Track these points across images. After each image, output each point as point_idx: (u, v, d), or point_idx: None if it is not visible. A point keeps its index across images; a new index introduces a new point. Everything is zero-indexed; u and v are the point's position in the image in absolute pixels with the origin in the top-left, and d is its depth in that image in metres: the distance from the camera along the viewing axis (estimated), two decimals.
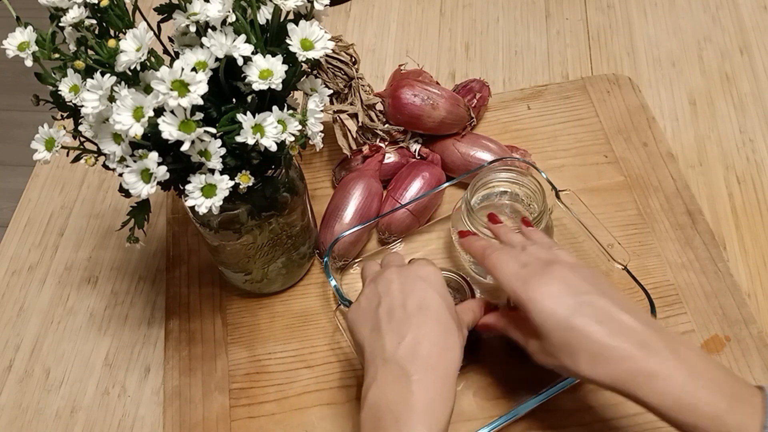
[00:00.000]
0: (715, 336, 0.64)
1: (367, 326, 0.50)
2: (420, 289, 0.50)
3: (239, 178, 0.51)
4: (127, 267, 0.76)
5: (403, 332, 0.48)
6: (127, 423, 0.65)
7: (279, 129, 0.49)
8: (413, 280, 0.51)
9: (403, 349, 0.47)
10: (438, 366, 0.46)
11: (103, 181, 0.83)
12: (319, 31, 0.50)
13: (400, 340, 0.47)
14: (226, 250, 0.64)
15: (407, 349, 0.47)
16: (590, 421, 0.60)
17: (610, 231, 0.65)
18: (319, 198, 0.77)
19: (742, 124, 0.80)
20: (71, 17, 0.48)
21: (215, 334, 0.68)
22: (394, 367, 0.46)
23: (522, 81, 0.87)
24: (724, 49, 0.87)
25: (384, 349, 0.47)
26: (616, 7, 0.94)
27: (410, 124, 0.74)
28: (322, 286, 0.71)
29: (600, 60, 0.88)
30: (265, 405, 0.63)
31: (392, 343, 0.47)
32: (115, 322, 0.71)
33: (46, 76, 0.50)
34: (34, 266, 0.76)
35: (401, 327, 0.48)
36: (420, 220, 0.72)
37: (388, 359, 0.47)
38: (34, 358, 0.69)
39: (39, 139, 0.51)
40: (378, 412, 0.45)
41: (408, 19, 0.97)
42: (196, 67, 0.47)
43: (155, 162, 0.47)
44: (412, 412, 0.44)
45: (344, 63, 0.72)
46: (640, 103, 0.81)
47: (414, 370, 0.46)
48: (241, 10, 0.49)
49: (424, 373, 0.46)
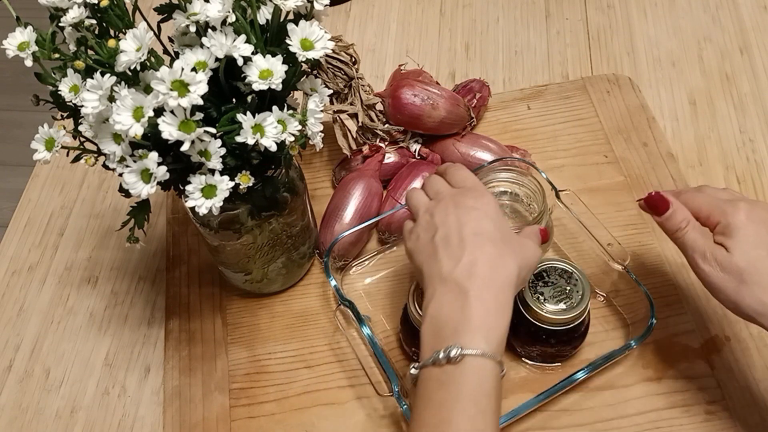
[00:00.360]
0: (715, 336, 0.64)
1: (425, 253, 0.52)
2: (474, 217, 0.52)
3: (239, 178, 0.51)
4: (127, 267, 0.76)
5: (459, 256, 0.50)
6: (127, 423, 0.65)
7: (279, 129, 0.49)
8: (468, 210, 0.53)
9: (459, 269, 0.49)
10: (494, 282, 0.49)
11: (103, 181, 0.83)
12: (319, 31, 0.50)
13: (457, 263, 0.49)
14: (226, 250, 0.64)
15: (464, 268, 0.49)
16: (590, 421, 0.60)
17: (610, 231, 0.65)
18: (319, 198, 0.77)
19: (742, 124, 0.80)
20: (71, 17, 0.48)
21: (215, 334, 0.68)
22: (452, 284, 0.49)
23: (522, 81, 0.87)
24: (724, 49, 0.87)
25: (441, 271, 0.50)
26: (616, 7, 0.94)
27: (410, 124, 0.74)
28: (322, 286, 0.71)
29: (600, 60, 0.88)
30: (265, 405, 0.63)
31: (449, 265, 0.50)
32: (115, 322, 0.71)
33: (46, 76, 0.50)
34: (34, 266, 0.76)
35: (457, 251, 0.50)
36: None
37: (446, 278, 0.49)
38: (34, 358, 0.69)
39: (39, 139, 0.51)
40: (438, 324, 0.48)
41: (408, 19, 0.97)
42: (196, 67, 0.47)
43: (155, 162, 0.47)
44: (469, 324, 0.47)
45: (344, 63, 0.72)
46: (640, 103, 0.81)
47: (471, 286, 0.48)
48: (241, 10, 0.49)
49: (480, 289, 0.48)
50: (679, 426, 0.59)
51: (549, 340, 0.59)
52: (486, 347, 0.46)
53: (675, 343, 0.63)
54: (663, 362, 0.62)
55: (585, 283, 0.59)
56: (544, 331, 0.58)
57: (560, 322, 0.58)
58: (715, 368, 0.62)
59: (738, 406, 0.59)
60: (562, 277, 0.60)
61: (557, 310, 0.58)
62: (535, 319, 0.58)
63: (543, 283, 0.60)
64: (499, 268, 0.49)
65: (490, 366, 0.46)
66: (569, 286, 0.59)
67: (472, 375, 0.45)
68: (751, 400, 0.60)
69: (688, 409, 0.60)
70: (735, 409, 0.59)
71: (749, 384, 0.61)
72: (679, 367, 0.62)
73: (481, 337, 0.46)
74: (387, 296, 0.69)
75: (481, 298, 0.48)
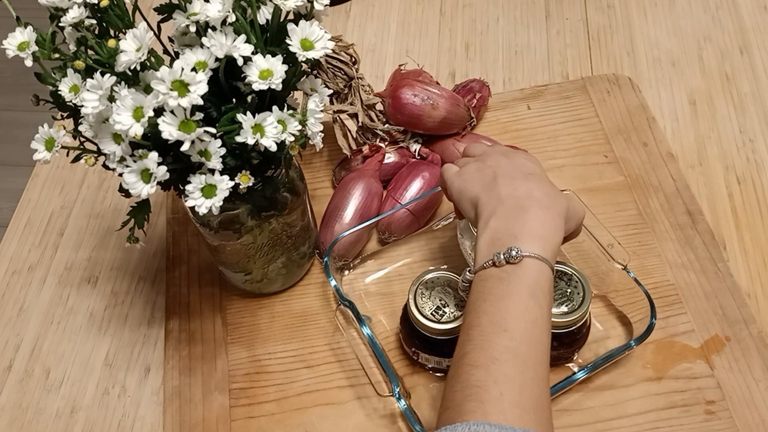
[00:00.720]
0: (715, 336, 0.64)
1: (481, 183, 0.55)
2: (526, 164, 0.56)
3: (239, 178, 0.51)
4: (127, 267, 0.76)
5: (518, 184, 0.53)
6: (127, 423, 0.65)
7: (279, 129, 0.49)
8: (518, 158, 0.57)
9: (519, 192, 0.52)
10: (550, 207, 0.52)
11: (103, 181, 0.83)
12: (319, 31, 0.50)
13: (516, 188, 0.53)
14: (226, 250, 0.64)
15: (523, 192, 0.52)
16: (590, 421, 0.60)
17: (610, 231, 0.65)
18: (319, 198, 0.77)
19: (742, 124, 0.80)
20: (71, 17, 0.48)
21: (215, 334, 0.68)
22: (513, 202, 0.52)
23: (522, 81, 0.87)
24: (724, 49, 0.87)
25: (500, 194, 0.53)
26: (616, 7, 0.94)
27: (410, 124, 0.74)
28: (322, 286, 0.71)
29: (600, 60, 0.88)
30: (265, 405, 0.63)
31: (508, 190, 0.53)
32: (115, 322, 0.71)
33: (46, 76, 0.50)
34: (34, 266, 0.76)
35: (515, 180, 0.54)
36: (420, 220, 0.72)
37: (505, 199, 0.52)
38: (34, 358, 0.69)
39: (39, 139, 0.51)
40: (496, 234, 0.51)
41: (408, 19, 0.97)
42: (196, 67, 0.47)
43: (155, 162, 0.47)
44: (529, 232, 0.50)
45: (344, 63, 0.72)
46: (640, 103, 0.81)
47: (530, 205, 0.51)
48: (241, 10, 0.49)
49: (538, 208, 0.51)
50: (679, 426, 0.59)
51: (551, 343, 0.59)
52: (543, 253, 0.49)
53: (675, 343, 0.63)
54: (663, 362, 0.62)
55: (585, 285, 0.59)
56: None
57: (562, 324, 0.58)
58: (715, 368, 0.62)
59: (738, 406, 0.59)
60: (562, 279, 0.60)
61: (558, 313, 0.58)
62: None
63: None
64: (553, 199, 0.53)
65: (546, 269, 0.49)
66: (570, 288, 0.59)
67: (530, 273, 0.48)
68: (751, 400, 0.60)
69: (688, 409, 0.60)
70: (735, 409, 0.59)
71: (749, 384, 0.61)
72: (679, 367, 0.62)
73: (539, 244, 0.49)
74: (387, 296, 0.69)
75: (539, 215, 0.51)
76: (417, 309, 0.59)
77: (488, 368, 0.45)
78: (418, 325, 0.59)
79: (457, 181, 0.57)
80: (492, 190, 0.54)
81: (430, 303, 0.60)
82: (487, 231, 0.52)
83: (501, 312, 0.47)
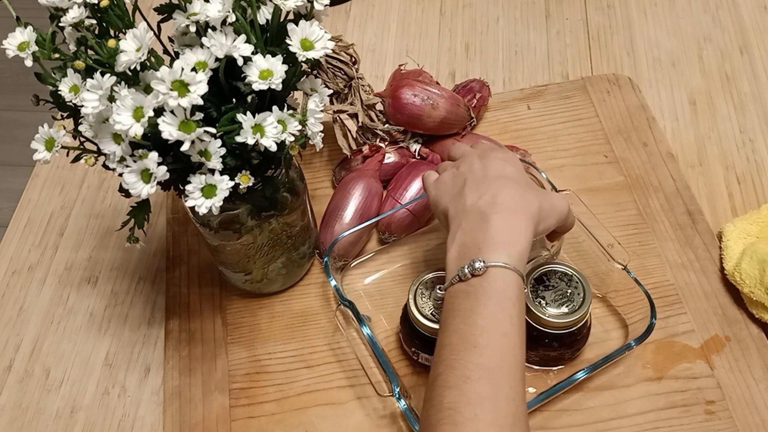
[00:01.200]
0: (715, 336, 0.64)
1: (450, 195, 0.55)
2: (498, 165, 0.55)
3: (239, 178, 0.51)
4: (127, 267, 0.76)
5: (483, 190, 0.53)
6: (127, 423, 0.65)
7: (279, 129, 0.49)
8: (492, 159, 0.56)
9: (483, 200, 0.52)
10: (515, 209, 0.51)
11: (103, 181, 0.83)
12: (319, 31, 0.50)
13: (481, 195, 0.52)
14: (226, 250, 0.64)
15: (487, 199, 0.52)
16: (590, 421, 0.60)
17: (610, 231, 0.65)
18: (319, 198, 0.77)
19: (742, 124, 0.80)
20: (71, 17, 0.48)
21: (215, 334, 0.68)
22: (475, 213, 0.51)
23: (522, 81, 0.87)
24: (724, 49, 0.87)
25: (465, 204, 0.53)
26: (616, 7, 0.94)
27: (410, 124, 0.74)
28: (322, 286, 0.71)
29: (600, 60, 0.88)
30: (265, 405, 0.63)
31: (473, 198, 0.52)
32: (115, 322, 0.71)
33: (46, 76, 0.50)
34: (34, 266, 0.76)
35: (481, 187, 0.53)
36: (420, 220, 0.72)
37: (469, 209, 0.52)
38: (34, 358, 0.69)
39: (39, 139, 0.51)
40: (463, 247, 0.51)
41: (408, 19, 0.97)
42: (196, 67, 0.47)
43: (155, 162, 0.47)
44: (492, 240, 0.49)
45: (344, 63, 0.72)
46: (640, 103, 0.81)
47: (493, 211, 0.51)
48: (241, 10, 0.49)
49: (501, 213, 0.51)
50: (679, 426, 0.59)
51: (551, 343, 0.59)
52: (508, 260, 0.48)
53: (675, 343, 0.63)
54: (663, 362, 0.62)
55: (586, 286, 0.59)
56: (546, 335, 0.58)
57: (562, 325, 0.58)
58: (715, 368, 0.62)
59: (738, 406, 0.59)
60: (562, 280, 0.60)
61: (559, 314, 0.58)
62: (537, 324, 0.58)
63: (544, 287, 0.60)
64: (520, 200, 0.52)
65: (513, 276, 0.48)
66: (570, 289, 0.59)
67: (496, 283, 0.48)
68: (751, 400, 0.60)
69: (688, 409, 0.60)
70: (735, 409, 0.59)
71: (749, 384, 0.61)
72: (679, 367, 0.62)
73: (503, 251, 0.49)
74: (387, 296, 0.69)
75: (502, 220, 0.50)
76: (417, 309, 0.59)
77: (460, 388, 0.44)
78: (418, 325, 0.59)
79: (433, 192, 0.57)
80: (459, 201, 0.53)
81: (430, 303, 0.60)
82: (454, 245, 0.51)
83: (470, 328, 0.47)
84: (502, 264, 0.48)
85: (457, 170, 0.56)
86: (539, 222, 0.52)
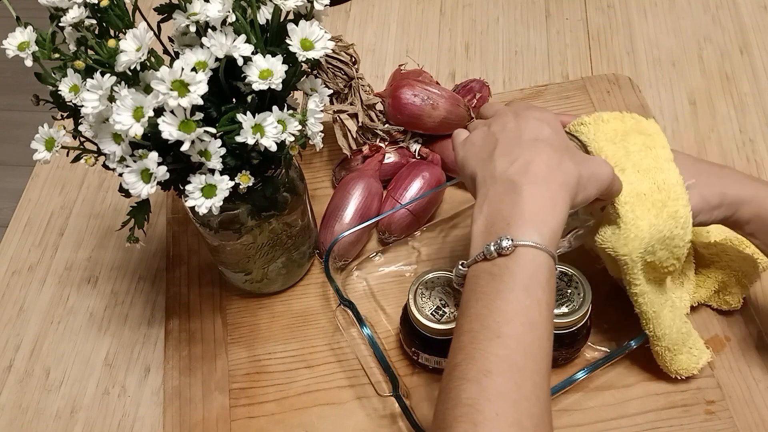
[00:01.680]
0: (715, 336, 0.64)
1: (480, 157, 0.50)
2: (534, 125, 0.50)
3: (239, 178, 0.51)
4: (127, 267, 0.76)
5: (515, 156, 0.48)
6: (127, 423, 0.65)
7: (279, 129, 0.49)
8: (528, 119, 0.51)
9: (514, 167, 0.47)
10: (549, 180, 0.46)
11: (103, 181, 0.83)
12: (319, 31, 0.50)
13: (512, 162, 0.47)
14: (226, 250, 0.64)
15: (518, 167, 0.47)
16: (590, 421, 0.60)
17: None
18: (319, 198, 0.77)
19: (742, 124, 0.80)
20: (71, 17, 0.48)
21: (215, 334, 0.68)
22: (505, 182, 0.47)
23: (522, 81, 0.87)
24: (724, 49, 0.87)
25: (495, 171, 0.48)
26: (616, 7, 0.94)
27: (410, 124, 0.74)
28: (322, 286, 0.71)
29: (600, 60, 0.88)
30: (265, 405, 0.63)
31: (503, 165, 0.48)
32: (115, 322, 0.71)
33: (46, 76, 0.50)
34: (34, 266, 0.76)
35: (513, 151, 0.48)
36: (420, 220, 0.72)
37: (498, 177, 0.47)
38: (34, 358, 0.69)
39: (39, 139, 0.51)
40: (488, 221, 0.46)
41: (408, 19, 0.97)
42: (196, 67, 0.47)
43: (155, 162, 0.47)
44: (521, 216, 0.45)
45: (344, 63, 0.72)
46: (640, 103, 0.81)
47: (525, 181, 0.46)
48: (241, 10, 0.49)
49: (534, 185, 0.46)
50: (679, 426, 0.59)
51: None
52: (539, 239, 0.44)
53: None
54: None
55: (586, 286, 0.59)
56: None
57: (563, 325, 0.58)
58: (715, 368, 0.62)
59: (738, 406, 0.59)
60: (562, 280, 0.60)
61: (559, 314, 0.58)
62: None
63: None
64: (556, 169, 0.47)
65: (544, 258, 0.44)
66: (570, 289, 0.59)
67: (525, 265, 0.43)
68: (751, 400, 0.60)
69: (688, 409, 0.60)
70: (735, 409, 0.59)
71: (749, 384, 0.61)
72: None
73: (534, 230, 0.44)
74: (387, 296, 0.69)
75: (534, 194, 0.45)
76: (417, 309, 0.59)
77: (480, 383, 0.41)
78: (418, 325, 0.59)
79: (461, 153, 0.52)
80: (488, 166, 0.48)
81: (430, 303, 0.60)
82: (480, 217, 0.47)
83: (494, 314, 0.43)
84: (532, 243, 0.44)
85: (489, 129, 0.51)
86: (577, 193, 0.47)
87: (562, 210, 0.46)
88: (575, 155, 0.49)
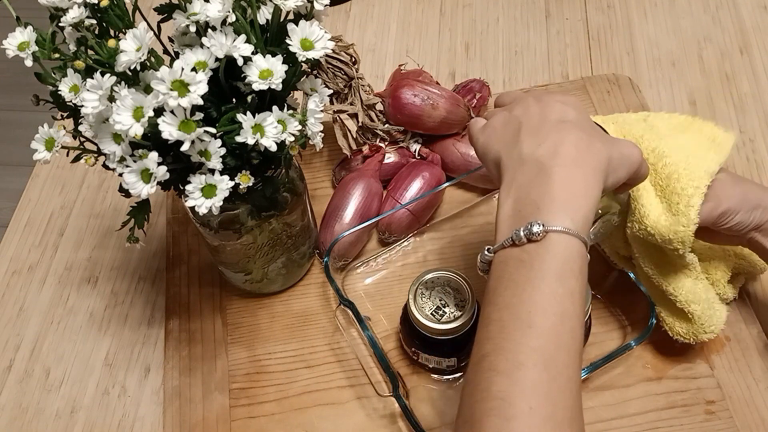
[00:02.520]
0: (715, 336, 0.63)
1: (504, 140, 0.48)
2: (559, 108, 0.48)
3: (239, 178, 0.51)
4: (127, 267, 0.76)
5: (543, 137, 0.45)
6: (127, 423, 0.65)
7: (279, 129, 0.49)
8: (551, 103, 0.49)
9: (543, 149, 0.45)
10: (580, 162, 0.44)
11: (103, 181, 0.83)
12: (319, 31, 0.50)
13: (540, 143, 0.45)
14: (226, 250, 0.64)
15: (547, 148, 0.45)
16: (590, 421, 0.60)
17: None
18: (319, 198, 0.77)
19: (742, 124, 0.80)
20: (71, 17, 0.48)
21: (215, 334, 0.68)
22: (533, 164, 0.44)
23: (522, 81, 0.87)
24: (724, 49, 0.87)
25: (522, 152, 0.45)
26: (616, 7, 0.94)
27: (410, 124, 0.74)
28: (322, 286, 0.71)
29: (600, 60, 0.88)
30: (265, 405, 0.63)
31: (531, 146, 0.45)
32: (115, 322, 0.71)
33: (46, 76, 0.50)
34: (34, 266, 0.76)
35: (540, 133, 0.46)
36: (420, 220, 0.72)
37: (526, 159, 0.45)
38: (34, 358, 0.69)
39: (39, 139, 0.51)
40: (516, 205, 0.44)
41: (408, 19, 0.97)
42: (196, 67, 0.47)
43: (155, 162, 0.47)
44: (553, 201, 0.43)
45: (344, 63, 0.72)
46: (640, 103, 0.81)
47: (554, 164, 0.44)
48: (241, 10, 0.49)
49: (565, 167, 0.44)
50: (679, 426, 0.59)
51: None
52: (571, 224, 0.42)
53: (675, 343, 0.63)
54: (663, 362, 0.62)
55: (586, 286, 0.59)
56: None
57: None
58: (715, 368, 0.62)
59: (738, 406, 0.60)
60: None
61: None
62: None
63: None
64: (586, 150, 0.44)
65: (577, 244, 0.42)
66: None
67: (557, 253, 0.41)
68: (751, 400, 0.60)
69: (688, 409, 0.60)
70: (735, 409, 0.59)
71: (749, 384, 0.61)
72: (679, 367, 0.62)
73: (565, 214, 0.42)
74: (387, 296, 0.69)
75: (565, 177, 0.43)
76: (417, 309, 0.59)
77: (512, 376, 0.39)
78: (418, 325, 0.59)
79: (481, 138, 0.50)
80: (513, 149, 0.46)
81: (430, 303, 0.60)
82: (508, 201, 0.45)
83: (525, 304, 0.41)
84: (564, 229, 0.42)
85: (510, 114, 0.49)
86: (608, 176, 0.45)
87: (594, 194, 0.44)
88: (603, 137, 0.47)
